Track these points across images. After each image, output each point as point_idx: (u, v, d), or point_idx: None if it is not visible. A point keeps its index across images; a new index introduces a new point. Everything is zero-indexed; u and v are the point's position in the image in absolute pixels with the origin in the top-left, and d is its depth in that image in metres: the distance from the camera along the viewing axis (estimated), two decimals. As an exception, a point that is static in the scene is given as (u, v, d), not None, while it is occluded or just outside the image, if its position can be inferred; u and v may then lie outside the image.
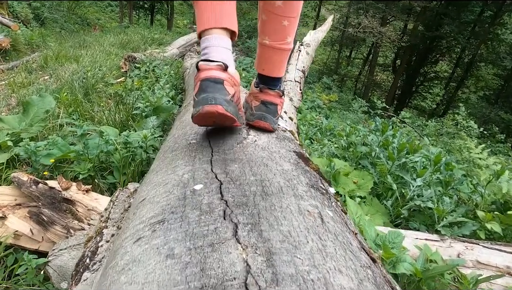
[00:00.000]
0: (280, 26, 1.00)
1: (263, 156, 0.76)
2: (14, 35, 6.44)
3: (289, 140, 0.96)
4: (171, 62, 5.00)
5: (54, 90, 3.59)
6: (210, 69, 0.82)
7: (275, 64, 1.05)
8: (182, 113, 1.38)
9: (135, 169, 1.77)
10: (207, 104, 0.76)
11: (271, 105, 1.04)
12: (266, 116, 1.00)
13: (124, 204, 0.89)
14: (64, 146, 1.96)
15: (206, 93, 0.79)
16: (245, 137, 0.90)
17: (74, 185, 1.67)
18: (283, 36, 1.02)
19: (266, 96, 1.05)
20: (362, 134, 3.14)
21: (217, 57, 0.83)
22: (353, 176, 1.86)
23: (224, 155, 0.75)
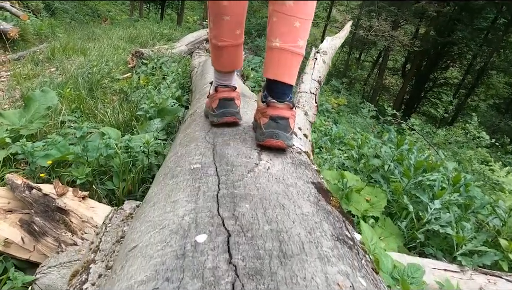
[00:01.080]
0: (291, 27, 0.96)
1: (278, 191, 0.66)
2: (23, 25, 6.39)
3: (305, 166, 0.85)
4: (179, 60, 4.90)
5: (58, 84, 3.51)
6: (225, 91, 1.14)
7: (286, 68, 0.98)
8: (187, 123, 1.28)
9: (135, 176, 1.68)
10: (226, 116, 1.11)
11: (282, 120, 0.95)
12: (278, 133, 0.92)
13: (117, 231, 0.80)
14: (64, 146, 1.88)
15: (224, 109, 1.12)
16: (257, 163, 0.79)
17: (70, 191, 1.59)
18: (294, 38, 0.97)
19: (274, 111, 0.96)
20: (373, 144, 3.03)
21: (229, 83, 1.18)
22: (366, 193, 1.75)
23: (232, 189, 0.65)
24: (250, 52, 10.78)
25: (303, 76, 1.65)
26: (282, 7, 0.95)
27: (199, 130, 1.06)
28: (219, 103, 1.11)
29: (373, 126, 5.74)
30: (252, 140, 0.94)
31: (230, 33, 1.10)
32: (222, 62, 1.16)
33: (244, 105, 1.34)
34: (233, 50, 1.14)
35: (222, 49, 1.13)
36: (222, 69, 1.17)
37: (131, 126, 2.50)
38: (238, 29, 1.10)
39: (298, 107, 1.39)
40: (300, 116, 1.28)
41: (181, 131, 1.23)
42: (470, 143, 8.50)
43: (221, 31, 1.10)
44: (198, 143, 0.93)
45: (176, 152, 0.95)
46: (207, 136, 0.98)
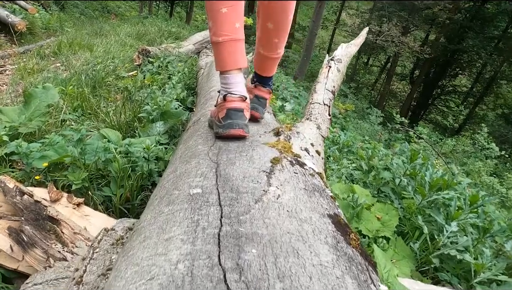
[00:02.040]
0: (271, 42, 1.26)
1: (291, 230, 0.56)
2: (31, 18, 6.36)
3: (320, 192, 0.76)
4: (186, 59, 4.82)
5: (62, 80, 3.44)
6: (234, 101, 1.07)
7: (267, 67, 1.34)
8: (189, 132, 1.18)
9: (134, 183, 1.59)
10: (233, 128, 1.03)
11: (262, 99, 1.33)
12: (258, 107, 1.29)
13: (105, 259, 0.71)
14: (61, 147, 1.80)
15: (231, 120, 1.04)
16: (266, 189, 0.70)
17: (65, 197, 1.51)
18: (274, 49, 1.28)
19: (259, 92, 1.33)
20: (383, 154, 2.92)
21: (238, 91, 1.08)
22: (377, 210, 1.65)
23: (237, 226, 0.56)
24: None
25: (316, 85, 1.54)
26: (265, 28, 1.24)
27: (202, 144, 0.96)
28: (227, 113, 1.04)
29: (381, 133, 5.62)
30: (260, 158, 0.85)
31: (229, 26, 1.08)
32: (223, 60, 1.10)
33: None
34: (234, 45, 1.09)
35: (222, 44, 1.08)
36: (226, 68, 1.10)
37: (133, 127, 2.42)
38: (237, 22, 1.10)
39: (310, 119, 1.29)
40: (312, 130, 1.17)
41: (183, 141, 1.14)
42: (477, 153, 8.33)
43: (219, 25, 1.08)
44: (200, 160, 0.84)
45: (175, 169, 0.86)
46: (210, 151, 0.89)
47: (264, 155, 0.86)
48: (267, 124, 1.25)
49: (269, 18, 1.20)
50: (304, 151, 0.98)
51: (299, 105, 4.95)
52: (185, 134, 1.23)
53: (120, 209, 1.57)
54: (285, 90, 5.31)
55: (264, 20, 1.22)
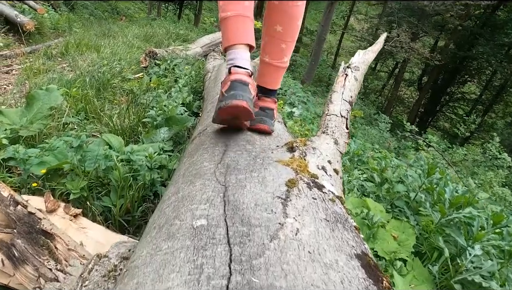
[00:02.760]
0: (279, 48, 1.19)
1: (315, 281, 0.46)
2: (40, 18, 6.35)
3: (343, 223, 0.66)
4: (193, 62, 4.75)
5: (67, 81, 3.39)
6: (240, 73, 1.00)
7: (272, 78, 1.24)
8: (194, 144, 1.08)
9: (135, 193, 1.50)
10: (236, 99, 0.94)
11: (269, 110, 1.22)
12: (265, 119, 1.17)
13: (94, 294, 0.62)
14: (61, 153, 1.72)
15: (235, 91, 0.96)
16: (282, 222, 0.60)
17: (62, 207, 1.42)
18: (281, 56, 1.20)
19: (264, 103, 1.22)
20: (395, 164, 2.81)
21: (244, 65, 1.02)
22: (392, 228, 1.55)
23: (250, 274, 0.46)
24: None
25: (332, 95, 1.44)
26: (273, 32, 1.17)
27: (208, 160, 0.87)
28: (231, 85, 0.98)
29: (390, 142, 5.48)
30: (274, 180, 0.75)
31: (237, 3, 1.05)
32: (230, 34, 1.05)
33: None
34: (242, 20, 1.05)
35: (229, 19, 1.05)
36: (232, 42, 1.05)
37: (137, 132, 2.34)
38: (246, 1, 1.07)
39: (327, 133, 1.19)
40: (329, 145, 1.07)
41: (187, 154, 1.04)
42: (487, 163, 8.14)
43: (228, 2, 1.06)
44: (206, 181, 0.74)
45: (178, 190, 0.76)
46: (217, 170, 0.79)
47: (278, 176, 0.77)
48: (278, 136, 1.16)
49: (277, 21, 1.16)
50: (321, 170, 0.88)
51: (307, 111, 4.85)
52: (190, 146, 1.14)
53: (119, 222, 1.48)
54: (293, 95, 5.22)
55: (272, 23, 1.17)
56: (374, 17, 19.02)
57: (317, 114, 5.36)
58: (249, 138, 1.02)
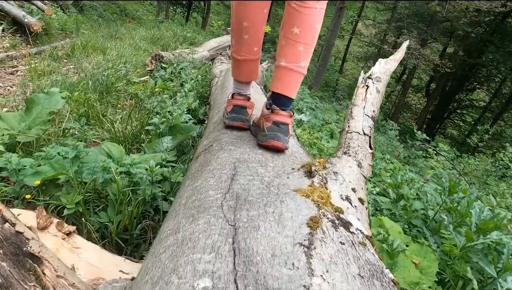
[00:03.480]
0: (296, 50, 1.15)
1: None
2: (48, 19, 6.32)
3: (380, 280, 0.54)
4: (200, 66, 4.66)
5: (71, 84, 3.31)
6: (240, 99, 1.30)
7: (288, 83, 1.17)
8: (199, 164, 0.97)
9: (134, 210, 1.39)
10: (236, 121, 1.26)
11: (283, 125, 1.12)
12: (278, 135, 1.09)
13: None
14: (58, 162, 1.62)
15: (235, 114, 1.28)
16: (307, 285, 0.47)
17: (54, 224, 1.32)
18: (298, 59, 1.16)
19: (277, 117, 1.13)
20: (409, 177, 2.67)
21: (244, 92, 1.33)
22: (412, 253, 1.42)
23: None
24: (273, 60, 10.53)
25: (353, 109, 1.31)
26: (290, 34, 1.15)
27: (214, 187, 0.76)
28: (233, 108, 1.29)
29: (399, 151, 5.33)
30: (293, 217, 0.64)
31: (249, 49, 1.26)
32: (239, 73, 1.33)
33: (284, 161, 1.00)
34: (250, 64, 1.29)
35: (241, 62, 1.29)
36: (240, 79, 1.34)
37: (140, 139, 2.24)
38: (255, 46, 1.27)
39: (349, 154, 1.07)
40: (352, 168, 0.95)
41: (191, 175, 0.93)
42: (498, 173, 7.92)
43: (241, 47, 1.26)
44: (211, 218, 0.63)
45: (177, 228, 0.65)
46: (224, 202, 0.68)
47: (297, 212, 0.65)
48: (293, 154, 1.04)
49: (295, 23, 1.14)
50: (346, 201, 0.76)
51: (316, 118, 4.72)
52: (194, 164, 1.02)
53: (116, 241, 1.37)
54: (300, 100, 5.10)
55: (290, 25, 1.15)
56: (382, 22, 18.86)
57: (325, 120, 5.24)
58: (261, 158, 0.91)
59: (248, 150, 0.96)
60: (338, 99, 12.94)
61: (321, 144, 3.46)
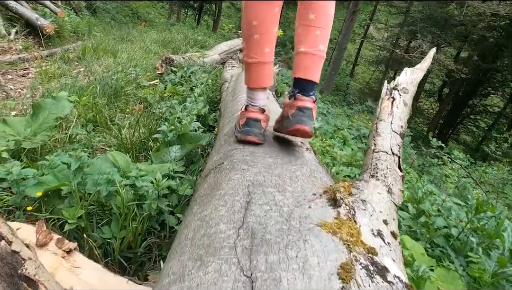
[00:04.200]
0: (313, 35, 1.16)
1: None
2: (60, 21, 6.36)
3: None
4: (210, 70, 4.59)
5: (80, 88, 3.27)
6: (254, 112, 1.21)
7: (310, 68, 1.16)
8: (209, 184, 0.87)
9: (138, 226, 1.31)
10: (249, 135, 1.17)
11: (307, 110, 1.12)
12: (304, 120, 1.10)
13: None
14: (62, 171, 1.55)
15: (249, 128, 1.18)
16: None
17: (54, 240, 1.24)
18: (316, 43, 1.16)
19: (301, 102, 1.13)
20: (427, 189, 2.54)
21: (258, 105, 1.23)
22: (439, 278, 1.30)
23: None
24: (284, 64, 10.43)
25: (378, 124, 1.20)
26: (305, 20, 1.16)
27: (226, 220, 0.66)
28: (246, 122, 1.19)
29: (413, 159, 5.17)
30: (320, 264, 0.54)
31: (259, 50, 1.19)
32: (251, 78, 1.24)
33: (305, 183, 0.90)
34: (261, 67, 1.21)
35: (252, 66, 1.21)
36: (252, 85, 1.24)
37: (148, 147, 2.16)
38: (267, 47, 1.20)
39: (377, 177, 0.96)
40: (381, 195, 0.84)
41: (199, 200, 0.84)
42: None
43: (251, 48, 1.20)
44: (223, 265, 0.53)
45: (182, 273, 0.55)
46: (238, 242, 0.58)
47: (324, 257, 0.55)
48: (312, 174, 0.94)
49: (310, 10, 1.16)
50: (378, 237, 0.66)
51: (328, 124, 4.60)
52: (203, 184, 0.93)
53: (118, 260, 1.28)
54: (312, 106, 4.98)
55: (305, 12, 1.17)
56: (395, 26, 18.60)
57: (337, 126, 5.11)
58: (277, 181, 0.81)
59: (263, 170, 0.87)
60: (349, 103, 12.77)
61: (333, 152, 3.35)
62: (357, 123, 5.50)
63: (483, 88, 17.48)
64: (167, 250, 1.37)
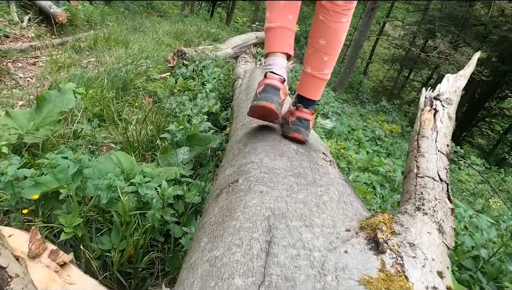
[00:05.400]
0: (321, 60, 1.25)
1: None
2: (74, 10, 6.29)
3: None
4: (223, 64, 4.45)
5: (88, 79, 3.17)
6: (274, 79, 1.17)
7: (312, 88, 1.29)
8: (218, 211, 0.73)
9: (140, 238, 1.20)
10: (266, 101, 1.12)
11: (305, 121, 1.24)
12: (300, 129, 1.23)
13: None
14: (62, 171, 1.44)
15: (267, 94, 1.14)
16: None
17: (48, 250, 1.14)
18: (322, 68, 1.26)
19: (301, 113, 1.25)
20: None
21: (279, 72, 1.18)
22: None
23: None
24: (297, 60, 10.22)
25: (421, 142, 1.02)
26: (316, 44, 1.23)
27: (242, 268, 0.52)
28: (264, 88, 1.15)
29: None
30: None
31: (283, 16, 1.19)
32: (272, 42, 1.21)
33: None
34: (284, 32, 1.20)
35: (276, 30, 1.20)
36: (273, 50, 1.21)
37: (155, 145, 2.05)
38: (290, 14, 1.21)
39: (424, 211, 0.79)
40: (431, 236, 0.68)
41: (208, 228, 0.71)
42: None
43: (274, 14, 1.20)
44: None
45: None
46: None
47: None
48: (341, 198, 0.80)
49: (321, 35, 1.23)
50: (435, 298, 0.53)
51: (342, 124, 4.44)
52: (214, 206, 0.80)
53: (116, 277, 1.17)
54: (326, 105, 4.82)
55: (316, 36, 1.25)
56: (412, 24, 18.12)
57: (351, 127, 4.94)
58: (302, 209, 0.67)
59: (284, 194, 0.73)
60: (361, 102, 12.50)
61: (348, 155, 3.20)
62: (372, 124, 5.31)
63: (500, 91, 16.99)
64: (171, 265, 1.26)
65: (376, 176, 2.69)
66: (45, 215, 1.34)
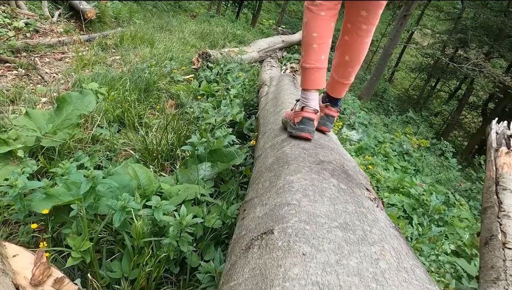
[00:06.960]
0: (346, 71, 1.50)
1: None
2: (103, 7, 6.35)
3: None
4: (248, 68, 4.33)
5: (112, 78, 3.11)
6: (310, 112, 1.39)
7: (338, 91, 1.58)
8: (249, 278, 0.60)
9: (154, 270, 1.08)
10: (304, 132, 1.37)
11: (331, 117, 1.58)
12: (327, 124, 1.56)
13: None
14: (76, 184, 1.35)
15: (304, 125, 1.38)
16: None
17: (53, 278, 1.03)
18: (347, 76, 1.51)
19: (329, 111, 1.57)
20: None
21: (313, 106, 1.41)
22: None
23: None
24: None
25: (502, 196, 0.81)
26: (342, 59, 1.48)
27: None
28: (301, 120, 1.38)
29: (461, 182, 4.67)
30: None
31: (316, 57, 1.38)
32: (307, 81, 1.41)
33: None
34: (317, 72, 1.39)
35: (310, 70, 1.39)
36: (308, 87, 1.41)
37: (175, 155, 1.94)
38: (323, 55, 1.38)
39: None
40: None
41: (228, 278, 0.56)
42: None
43: (309, 56, 1.38)
44: None
45: None
46: None
47: None
48: (400, 263, 0.63)
49: (347, 53, 1.45)
50: None
51: (369, 136, 4.23)
52: (242, 266, 0.65)
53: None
54: (352, 115, 4.62)
55: (343, 53, 1.46)
56: (442, 32, 17.47)
57: (378, 139, 4.71)
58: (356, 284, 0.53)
59: (333, 259, 0.58)
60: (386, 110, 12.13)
61: (376, 171, 3.01)
62: (400, 137, 5.06)
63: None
64: (185, 301, 1.14)
65: (408, 199, 2.49)
66: (54, 231, 1.24)
